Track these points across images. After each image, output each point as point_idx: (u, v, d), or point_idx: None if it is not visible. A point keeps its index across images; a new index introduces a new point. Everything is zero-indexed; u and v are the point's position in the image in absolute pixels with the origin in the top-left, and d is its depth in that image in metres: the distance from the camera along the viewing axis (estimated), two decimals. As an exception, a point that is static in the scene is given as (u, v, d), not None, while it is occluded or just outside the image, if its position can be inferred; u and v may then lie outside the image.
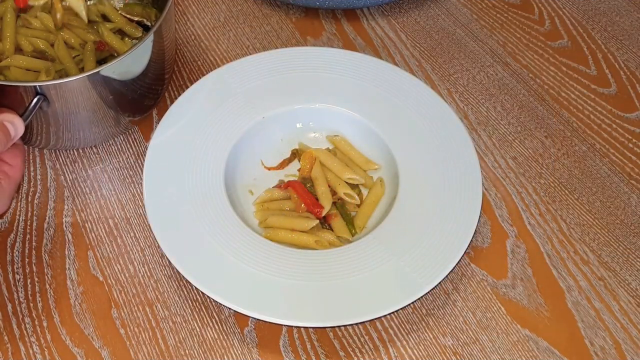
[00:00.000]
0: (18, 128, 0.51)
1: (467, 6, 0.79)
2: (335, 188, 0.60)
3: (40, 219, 0.61)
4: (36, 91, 0.53)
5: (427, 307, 0.56)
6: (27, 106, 0.53)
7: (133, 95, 0.61)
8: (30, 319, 0.55)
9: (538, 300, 0.57)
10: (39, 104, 0.53)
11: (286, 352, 0.54)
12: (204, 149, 0.61)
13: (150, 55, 0.59)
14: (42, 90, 0.53)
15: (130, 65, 0.57)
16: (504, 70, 0.73)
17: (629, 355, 0.54)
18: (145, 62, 0.59)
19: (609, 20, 0.78)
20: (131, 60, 0.57)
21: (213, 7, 0.79)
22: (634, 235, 0.61)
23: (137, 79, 0.59)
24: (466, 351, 0.54)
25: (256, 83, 0.65)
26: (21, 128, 0.51)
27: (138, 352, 0.53)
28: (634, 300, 0.57)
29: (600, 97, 0.71)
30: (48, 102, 0.54)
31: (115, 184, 0.63)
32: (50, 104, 0.54)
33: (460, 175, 0.59)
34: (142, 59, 0.58)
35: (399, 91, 0.65)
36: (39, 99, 0.53)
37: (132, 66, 0.58)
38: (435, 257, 0.54)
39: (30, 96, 0.53)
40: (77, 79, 0.54)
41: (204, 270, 0.53)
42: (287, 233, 0.57)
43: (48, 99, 0.54)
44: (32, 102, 0.53)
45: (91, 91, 0.56)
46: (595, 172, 0.65)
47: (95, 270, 0.58)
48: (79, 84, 0.54)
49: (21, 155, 0.54)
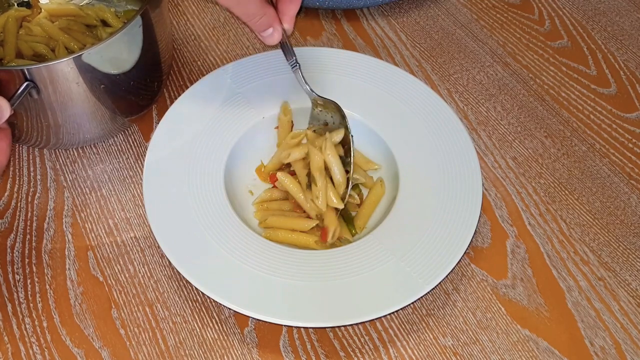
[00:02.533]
0: (4, 111, 0.51)
1: (467, 6, 0.79)
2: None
3: (40, 219, 0.61)
4: (24, 77, 0.53)
5: (427, 307, 0.56)
6: (15, 91, 0.53)
7: (127, 88, 0.60)
8: (30, 319, 0.55)
9: (538, 301, 0.57)
10: (27, 90, 0.53)
11: (286, 352, 0.54)
12: (204, 149, 0.61)
13: (140, 44, 0.58)
14: (31, 75, 0.53)
15: (118, 51, 0.56)
16: (504, 70, 0.73)
17: (629, 356, 0.54)
18: (135, 51, 0.58)
19: (609, 20, 0.78)
20: (118, 45, 0.56)
21: (213, 7, 0.79)
22: (634, 235, 0.61)
23: (129, 72, 0.59)
24: (466, 351, 0.54)
25: (256, 83, 0.65)
26: (7, 111, 0.51)
27: (138, 353, 0.53)
28: (634, 301, 0.57)
29: (600, 97, 0.71)
30: (38, 90, 0.54)
31: (115, 184, 0.63)
32: (42, 93, 0.54)
33: (460, 175, 0.59)
34: (131, 46, 0.58)
35: (399, 91, 0.65)
36: (27, 85, 0.53)
37: (121, 52, 0.57)
38: (435, 257, 0.54)
39: (19, 82, 0.53)
40: (63, 62, 0.53)
41: (204, 270, 0.53)
42: (287, 233, 0.57)
43: (37, 86, 0.54)
44: (21, 87, 0.53)
45: (80, 78, 0.55)
46: (595, 172, 0.65)
47: (95, 270, 0.58)
48: (66, 69, 0.54)
49: (7, 139, 0.53)
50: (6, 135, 0.53)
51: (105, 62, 0.56)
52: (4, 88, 0.53)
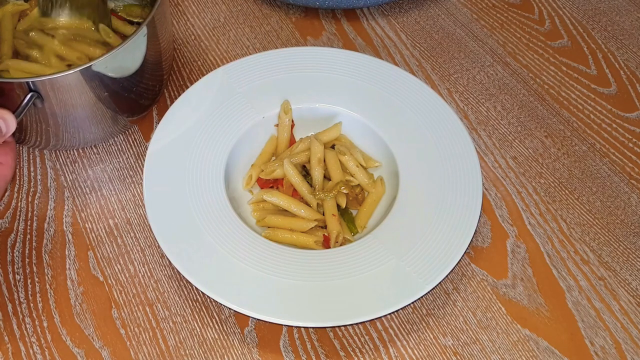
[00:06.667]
0: (10, 124, 0.50)
1: (467, 6, 0.79)
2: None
3: (41, 219, 0.61)
4: (29, 88, 0.53)
5: (427, 307, 0.56)
6: (20, 103, 0.52)
7: (129, 93, 0.60)
8: (31, 319, 0.55)
9: (538, 300, 0.57)
10: (32, 100, 0.53)
11: (286, 352, 0.54)
12: (204, 149, 0.61)
13: (144, 51, 0.58)
14: (36, 86, 0.53)
15: (123, 60, 0.57)
16: (504, 70, 0.73)
17: (629, 355, 0.54)
18: (139, 57, 0.58)
19: (609, 20, 0.78)
20: (124, 55, 0.56)
21: (213, 7, 0.79)
22: (634, 235, 0.61)
23: (132, 77, 0.59)
24: (466, 351, 0.54)
25: (256, 83, 0.65)
26: (13, 124, 0.50)
27: (138, 352, 0.54)
28: (634, 300, 0.57)
29: (600, 97, 0.71)
30: (42, 100, 0.54)
31: (116, 184, 0.63)
32: (45, 101, 0.54)
33: (460, 175, 0.59)
34: (135, 53, 0.58)
35: (399, 91, 0.65)
36: (32, 96, 0.53)
37: (126, 61, 0.57)
38: (435, 257, 0.54)
39: (23, 93, 0.53)
40: (70, 74, 0.53)
41: (204, 270, 0.53)
42: (287, 233, 0.57)
43: (42, 96, 0.53)
44: (25, 98, 0.52)
45: (85, 87, 0.55)
46: (596, 171, 0.65)
47: (95, 270, 0.58)
48: (72, 80, 0.54)
49: (12, 153, 0.53)
50: (11, 149, 0.53)
51: (110, 71, 0.56)
52: (7, 97, 0.53)
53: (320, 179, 0.60)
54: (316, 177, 0.60)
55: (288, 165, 0.59)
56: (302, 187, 0.59)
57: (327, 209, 0.58)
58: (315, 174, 0.60)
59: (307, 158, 0.61)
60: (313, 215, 0.58)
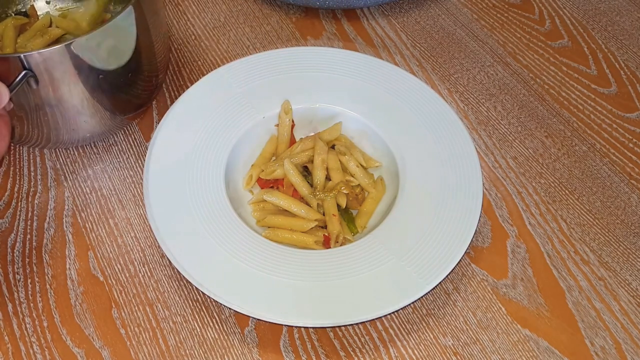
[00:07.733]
0: (3, 95, 0.51)
1: (467, 6, 0.79)
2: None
3: (41, 219, 0.61)
4: (23, 65, 0.53)
5: (427, 307, 0.56)
6: (14, 79, 0.53)
7: (124, 79, 0.60)
8: (31, 319, 0.55)
9: (538, 300, 0.57)
10: (26, 78, 0.54)
11: (286, 352, 0.54)
12: (204, 148, 0.61)
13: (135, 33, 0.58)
14: (29, 64, 0.53)
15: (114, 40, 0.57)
16: (504, 70, 0.73)
17: (630, 356, 0.54)
18: (131, 40, 0.58)
19: (609, 20, 0.78)
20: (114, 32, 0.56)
21: (213, 7, 0.79)
22: (634, 235, 0.61)
23: (126, 64, 0.59)
24: (466, 351, 0.54)
25: (256, 83, 0.65)
26: (6, 95, 0.51)
27: (138, 352, 0.54)
28: (635, 300, 0.57)
29: (600, 97, 0.71)
30: (37, 81, 0.54)
31: (116, 184, 0.63)
32: (40, 82, 0.55)
33: (460, 175, 0.59)
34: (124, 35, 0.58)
35: (399, 91, 0.65)
36: (26, 74, 0.53)
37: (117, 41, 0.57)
38: (435, 257, 0.54)
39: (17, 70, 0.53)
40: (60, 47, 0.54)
41: (204, 270, 0.53)
42: (287, 233, 0.57)
43: (36, 75, 0.54)
44: (19, 75, 0.53)
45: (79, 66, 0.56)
46: (596, 172, 0.65)
47: (95, 270, 0.58)
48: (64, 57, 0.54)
49: (6, 126, 0.53)
50: (5, 122, 0.53)
51: (100, 50, 0.56)
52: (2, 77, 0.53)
53: (322, 179, 0.60)
54: (318, 177, 0.60)
55: (288, 165, 0.59)
56: (303, 187, 0.59)
57: (327, 209, 0.58)
58: (318, 174, 0.60)
59: (307, 158, 0.61)
60: (313, 215, 0.58)
